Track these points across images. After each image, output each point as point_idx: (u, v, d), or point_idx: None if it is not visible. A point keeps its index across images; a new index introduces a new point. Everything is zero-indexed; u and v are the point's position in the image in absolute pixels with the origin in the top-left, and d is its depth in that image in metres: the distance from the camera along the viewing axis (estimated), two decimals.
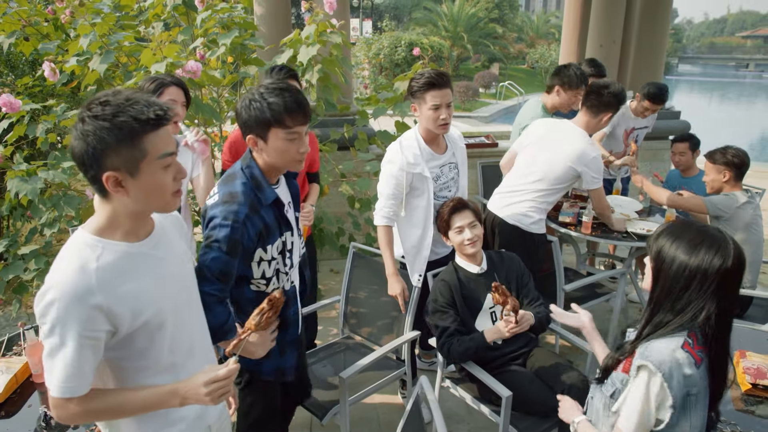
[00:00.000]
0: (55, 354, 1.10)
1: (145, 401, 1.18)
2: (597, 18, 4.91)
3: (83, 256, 1.12)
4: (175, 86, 2.31)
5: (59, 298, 1.07)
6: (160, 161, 1.12)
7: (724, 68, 56.31)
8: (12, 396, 1.79)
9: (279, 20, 3.86)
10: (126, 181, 1.10)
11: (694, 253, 1.27)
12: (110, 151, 1.07)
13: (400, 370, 2.51)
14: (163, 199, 1.16)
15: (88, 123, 1.06)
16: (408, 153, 2.40)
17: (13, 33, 3.37)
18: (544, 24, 31.98)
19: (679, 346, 1.27)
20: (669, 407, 1.27)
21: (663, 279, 1.32)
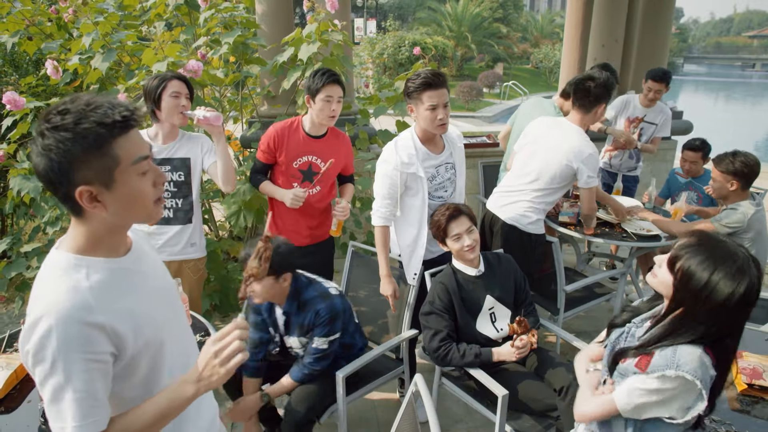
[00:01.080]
0: (63, 393, 0.96)
1: (162, 404, 1.06)
2: (599, 17, 4.89)
3: (70, 277, 1.01)
4: (178, 79, 2.34)
5: (56, 324, 0.95)
6: (135, 167, 1.02)
7: (730, 68, 56.04)
8: (12, 392, 1.81)
9: (281, 19, 3.87)
10: (102, 195, 1.00)
11: (734, 287, 1.25)
12: (79, 163, 0.96)
13: (398, 369, 2.52)
14: (145, 209, 1.06)
15: (48, 136, 0.95)
16: (403, 153, 2.38)
17: (17, 32, 3.40)
18: (549, 24, 31.87)
19: (702, 351, 1.31)
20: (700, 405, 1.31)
21: (693, 305, 1.31)
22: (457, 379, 2.40)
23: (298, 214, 2.63)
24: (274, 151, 2.57)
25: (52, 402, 0.97)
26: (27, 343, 0.96)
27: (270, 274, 2.04)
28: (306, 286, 2.21)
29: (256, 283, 2.01)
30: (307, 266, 2.72)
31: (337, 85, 2.44)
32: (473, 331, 2.27)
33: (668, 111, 4.07)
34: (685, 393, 1.31)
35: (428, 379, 2.49)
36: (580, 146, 2.70)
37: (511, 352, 2.13)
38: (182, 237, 2.49)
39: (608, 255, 4.26)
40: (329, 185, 2.68)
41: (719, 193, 2.88)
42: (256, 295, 2.08)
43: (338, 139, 2.67)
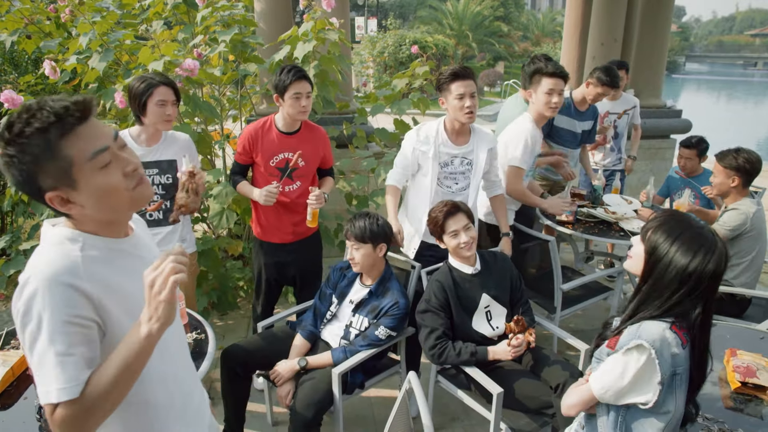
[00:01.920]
0: (47, 355, 0.96)
1: (122, 353, 1.00)
2: (598, 16, 4.89)
3: (64, 246, 1.02)
4: (165, 85, 2.31)
5: (42, 284, 0.96)
6: (93, 162, 0.99)
7: (732, 67, 55.91)
8: (8, 389, 1.82)
9: (279, 17, 3.87)
10: (72, 196, 1.00)
11: (691, 257, 1.31)
12: (37, 172, 0.96)
13: (394, 367, 2.53)
14: (121, 199, 1.04)
15: (5, 152, 0.95)
16: (422, 133, 2.59)
17: (16, 31, 3.41)
18: (550, 22, 31.81)
19: (667, 327, 1.34)
20: (657, 384, 1.31)
21: (656, 276, 1.37)
22: (454, 377, 2.40)
23: (281, 211, 2.64)
24: (250, 152, 2.59)
25: (38, 366, 0.97)
26: (17, 303, 0.98)
27: (368, 243, 2.28)
28: (392, 277, 2.42)
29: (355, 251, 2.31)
30: (294, 263, 2.74)
31: (304, 81, 2.46)
32: (469, 329, 2.28)
33: (635, 100, 4.18)
34: (648, 369, 1.32)
35: (426, 376, 2.52)
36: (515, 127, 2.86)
37: (507, 350, 2.13)
38: (174, 236, 2.50)
39: (607, 254, 4.26)
40: (309, 180, 2.67)
41: (720, 189, 2.87)
42: (355, 262, 2.32)
43: (313, 132, 2.67)
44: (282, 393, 2.24)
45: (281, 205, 2.60)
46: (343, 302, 2.43)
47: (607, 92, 3.51)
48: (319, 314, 2.48)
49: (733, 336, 2.17)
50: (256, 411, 2.69)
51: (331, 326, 2.44)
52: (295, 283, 2.88)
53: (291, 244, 2.70)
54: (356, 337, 2.34)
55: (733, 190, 2.83)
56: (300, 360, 2.28)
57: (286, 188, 2.60)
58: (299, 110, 2.48)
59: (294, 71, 2.44)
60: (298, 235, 2.71)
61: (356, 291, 2.42)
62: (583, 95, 3.61)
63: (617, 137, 4.13)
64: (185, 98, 3.07)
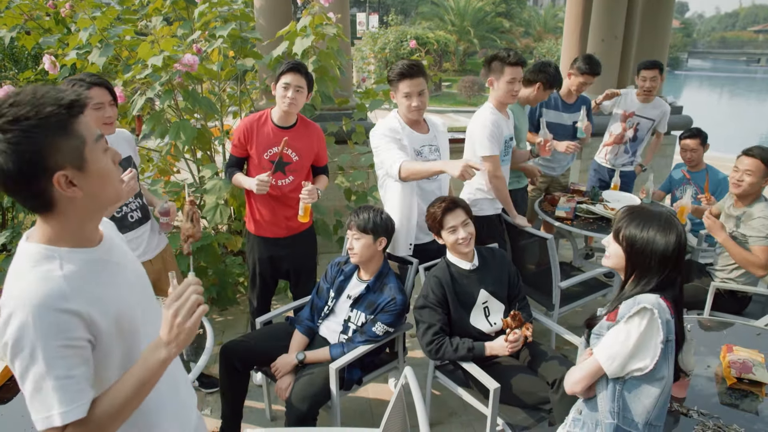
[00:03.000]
0: (45, 381, 0.95)
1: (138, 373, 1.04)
2: (599, 13, 4.88)
3: (42, 267, 1.00)
4: (98, 86, 2.13)
5: (31, 314, 0.94)
6: (98, 144, 1.03)
7: (735, 63, 55.67)
8: (7, 383, 1.83)
9: (278, 13, 3.87)
10: (76, 178, 1.00)
11: (666, 238, 1.47)
12: (49, 149, 0.95)
13: (392, 363, 2.54)
14: (114, 187, 1.08)
15: (10, 130, 0.93)
16: (387, 125, 2.55)
17: (16, 27, 3.41)
18: (552, 18, 31.68)
19: (658, 297, 1.46)
20: (660, 344, 1.41)
21: (642, 266, 1.50)
22: (451, 373, 2.41)
23: (273, 205, 2.63)
24: (245, 145, 2.59)
25: (34, 392, 0.96)
26: (3, 336, 0.95)
27: (369, 234, 2.30)
28: (390, 273, 2.42)
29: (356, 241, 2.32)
30: (288, 258, 2.74)
31: (297, 74, 2.46)
32: (467, 325, 2.29)
33: (666, 107, 4.00)
34: (651, 331, 1.42)
35: (423, 373, 2.52)
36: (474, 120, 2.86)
37: (504, 346, 2.14)
38: (154, 230, 2.50)
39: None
40: (303, 175, 2.66)
41: (753, 189, 2.68)
42: (354, 253, 2.32)
43: (308, 128, 2.67)
44: (281, 386, 2.25)
45: (274, 199, 2.60)
46: (341, 297, 2.44)
47: (588, 80, 3.57)
48: (317, 309, 2.49)
49: (730, 332, 2.17)
50: (255, 406, 2.71)
51: (328, 321, 2.45)
52: (290, 278, 2.88)
53: (284, 239, 2.70)
54: (354, 332, 2.35)
55: (759, 191, 2.70)
56: (298, 354, 2.29)
57: (278, 182, 2.60)
58: (284, 100, 2.48)
59: (291, 64, 2.47)
60: (292, 230, 2.71)
61: (354, 286, 2.43)
62: (567, 87, 3.63)
63: (635, 140, 4.01)
64: (184, 94, 3.07)
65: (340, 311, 2.43)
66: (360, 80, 13.87)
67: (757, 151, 2.65)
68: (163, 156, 3.43)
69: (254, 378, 2.87)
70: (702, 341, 2.10)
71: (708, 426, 1.62)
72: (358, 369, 2.33)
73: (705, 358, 1.99)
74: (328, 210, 3.74)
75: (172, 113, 3.40)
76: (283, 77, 2.46)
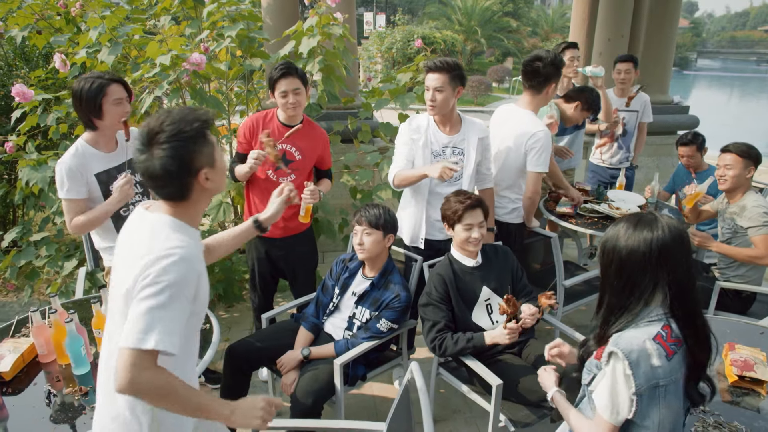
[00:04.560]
0: (161, 312, 1.19)
1: (206, 403, 1.27)
2: (605, 11, 4.87)
3: (181, 233, 1.31)
4: (116, 83, 2.19)
5: (181, 262, 1.23)
6: (217, 146, 1.37)
7: (744, 63, 55.16)
8: (19, 375, 1.87)
9: (286, 12, 3.90)
10: (210, 173, 1.33)
11: (629, 236, 1.33)
12: (197, 154, 1.29)
13: (396, 360, 2.56)
14: (225, 176, 1.43)
15: (169, 141, 1.25)
16: (414, 123, 2.64)
17: (27, 26, 3.46)
18: (560, 18, 31.53)
19: (650, 337, 1.29)
20: (631, 395, 1.28)
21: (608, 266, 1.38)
22: (455, 370, 2.43)
23: None
24: (250, 140, 2.61)
25: (145, 314, 1.18)
26: (152, 267, 1.21)
27: (379, 230, 2.34)
28: (394, 270, 2.45)
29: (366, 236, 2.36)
30: (285, 258, 2.76)
31: (292, 77, 2.46)
32: (469, 321, 2.30)
33: (646, 97, 4.08)
34: (622, 378, 1.29)
35: (427, 370, 2.54)
36: (529, 129, 2.75)
37: (504, 333, 2.11)
38: None
39: None
40: (305, 175, 2.67)
41: (737, 182, 2.79)
42: (363, 248, 2.36)
43: (313, 130, 2.70)
44: (286, 381, 2.28)
45: None
46: (346, 294, 2.47)
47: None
48: (322, 306, 2.51)
49: (733, 331, 2.17)
50: None
51: (333, 318, 2.47)
52: (287, 278, 2.90)
53: (281, 239, 2.71)
54: (359, 329, 2.37)
55: (746, 182, 2.80)
56: (303, 350, 2.32)
57: (280, 179, 2.61)
58: (286, 107, 2.51)
59: (281, 68, 2.45)
60: (289, 231, 2.71)
61: (358, 283, 2.45)
62: None
63: (626, 135, 4.05)
64: (192, 92, 3.11)
65: (345, 308, 2.45)
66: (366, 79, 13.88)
67: (732, 146, 2.82)
68: None
69: (260, 374, 2.90)
70: None
71: (708, 423, 1.63)
72: (362, 365, 2.36)
73: None
74: (334, 209, 3.77)
75: None
76: (277, 85, 2.47)
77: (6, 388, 1.80)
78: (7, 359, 1.85)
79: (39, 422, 1.64)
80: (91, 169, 2.23)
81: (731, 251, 2.80)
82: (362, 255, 2.39)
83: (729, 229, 2.86)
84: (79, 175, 2.18)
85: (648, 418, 1.30)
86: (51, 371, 1.91)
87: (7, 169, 3.96)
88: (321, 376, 2.20)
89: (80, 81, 2.16)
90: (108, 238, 2.39)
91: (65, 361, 1.92)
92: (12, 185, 3.93)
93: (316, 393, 2.14)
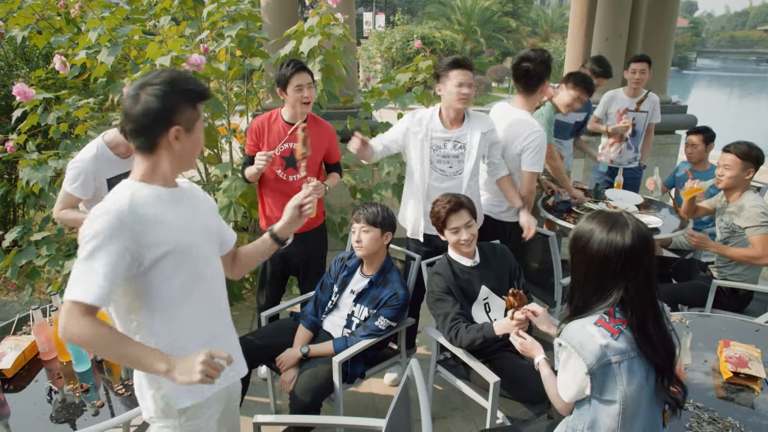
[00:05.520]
0: (82, 263, 1.24)
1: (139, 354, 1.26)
2: (603, 11, 4.88)
3: (125, 191, 1.34)
4: None
5: (102, 215, 1.27)
6: (202, 124, 1.41)
7: (744, 63, 55.17)
8: (20, 372, 1.89)
9: (285, 12, 3.91)
10: (182, 135, 1.35)
11: (597, 240, 1.36)
12: (180, 108, 1.33)
13: (394, 357, 2.57)
14: (194, 157, 1.45)
15: (158, 86, 1.30)
16: (417, 115, 2.68)
17: (28, 26, 3.48)
18: (559, 18, 31.55)
19: (591, 323, 1.39)
20: (585, 374, 1.37)
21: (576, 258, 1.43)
22: (453, 368, 2.44)
23: (285, 201, 2.60)
24: (258, 143, 2.64)
25: (74, 268, 1.25)
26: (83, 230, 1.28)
27: (377, 227, 2.36)
28: (392, 268, 2.47)
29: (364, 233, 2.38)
30: (298, 254, 2.78)
31: (304, 72, 2.52)
32: (469, 318, 2.31)
33: (655, 97, 4.08)
34: (570, 358, 1.40)
35: (426, 367, 2.55)
36: (524, 129, 2.77)
37: (510, 323, 2.08)
38: None
39: None
40: (314, 171, 2.70)
41: (736, 182, 2.80)
42: (361, 246, 2.38)
43: (319, 125, 2.72)
44: (285, 379, 2.29)
45: (285, 195, 2.63)
46: (344, 292, 2.48)
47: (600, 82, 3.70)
48: (320, 304, 2.53)
49: (728, 328, 2.19)
50: (259, 400, 2.76)
51: (332, 316, 2.49)
52: (298, 273, 2.92)
53: (295, 235, 2.73)
54: (357, 327, 2.39)
55: (744, 183, 2.80)
56: (302, 347, 2.34)
57: (289, 178, 2.65)
58: (302, 100, 2.54)
59: (293, 64, 2.51)
60: (303, 227, 2.74)
61: (357, 281, 2.47)
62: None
63: (635, 135, 4.03)
64: None
65: (344, 306, 2.47)
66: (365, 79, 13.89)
67: (733, 147, 2.81)
68: None
69: (259, 371, 2.91)
70: (700, 337, 2.12)
71: (703, 418, 1.64)
72: (361, 363, 2.37)
73: (702, 353, 2.01)
74: (333, 207, 3.78)
75: None
76: (293, 80, 2.50)
77: (7, 385, 1.82)
78: (8, 356, 1.87)
79: (40, 419, 1.66)
80: (105, 174, 2.32)
81: (728, 252, 2.81)
82: (360, 252, 2.41)
83: (727, 228, 2.88)
84: (92, 178, 2.29)
85: (608, 393, 1.37)
86: (52, 368, 1.93)
87: (7, 168, 3.97)
88: (320, 373, 2.21)
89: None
90: None
91: (66, 358, 1.93)
92: (12, 185, 3.94)
93: (314, 390, 2.15)
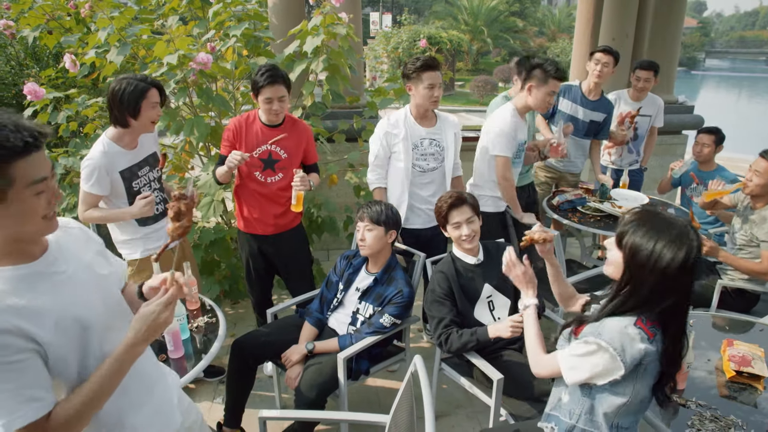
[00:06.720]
0: None
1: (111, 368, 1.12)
2: (610, 10, 4.87)
3: None
4: (155, 87, 2.34)
5: None
6: (31, 188, 1.04)
7: (754, 63, 54.69)
8: None
9: (292, 12, 3.93)
10: None
11: (669, 248, 1.30)
12: None
13: (399, 355, 2.59)
14: (33, 226, 1.08)
15: None
16: (392, 118, 2.80)
17: (38, 27, 3.52)
18: (566, 18, 31.46)
19: (631, 324, 1.36)
20: (619, 377, 1.36)
21: (637, 272, 1.36)
22: (457, 365, 2.45)
23: (262, 202, 2.67)
24: (234, 143, 2.61)
25: None
26: None
27: (381, 226, 2.38)
28: (397, 266, 2.49)
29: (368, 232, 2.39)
30: (277, 255, 2.79)
31: (278, 85, 2.46)
32: (471, 318, 2.33)
33: (660, 101, 4.02)
34: (612, 365, 1.36)
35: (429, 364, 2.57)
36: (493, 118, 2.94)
37: (507, 326, 2.10)
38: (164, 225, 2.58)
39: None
40: (292, 173, 2.63)
41: (763, 191, 2.70)
42: (365, 244, 2.39)
43: (296, 126, 2.69)
44: (291, 375, 2.32)
45: (263, 196, 2.65)
46: (349, 289, 2.50)
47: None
48: (326, 301, 2.55)
49: (733, 328, 2.19)
50: (265, 395, 2.78)
51: (337, 313, 2.51)
52: (281, 274, 2.93)
53: (272, 236, 2.74)
54: (362, 324, 2.41)
55: None
56: (308, 344, 2.36)
57: (267, 179, 2.64)
58: (269, 113, 2.53)
59: (268, 74, 2.44)
60: (280, 228, 2.74)
61: (362, 279, 2.49)
62: (588, 84, 3.64)
63: (637, 138, 4.02)
64: (199, 91, 3.15)
65: (349, 303, 2.49)
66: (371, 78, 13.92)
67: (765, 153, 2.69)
68: (177, 152, 3.52)
69: (265, 368, 2.94)
70: (704, 336, 2.12)
71: (705, 416, 1.65)
72: (365, 360, 2.39)
73: (706, 352, 2.01)
74: (338, 206, 3.80)
75: (187, 110, 3.49)
76: (263, 91, 2.46)
77: None
78: None
79: None
80: (116, 167, 2.36)
81: (736, 263, 2.77)
82: (364, 251, 2.43)
83: (745, 235, 2.81)
84: (105, 173, 2.32)
85: (622, 387, 1.39)
86: None
87: None
88: (325, 370, 2.23)
89: (122, 81, 2.28)
90: (128, 231, 2.50)
91: None
92: None
93: (320, 386, 2.17)
